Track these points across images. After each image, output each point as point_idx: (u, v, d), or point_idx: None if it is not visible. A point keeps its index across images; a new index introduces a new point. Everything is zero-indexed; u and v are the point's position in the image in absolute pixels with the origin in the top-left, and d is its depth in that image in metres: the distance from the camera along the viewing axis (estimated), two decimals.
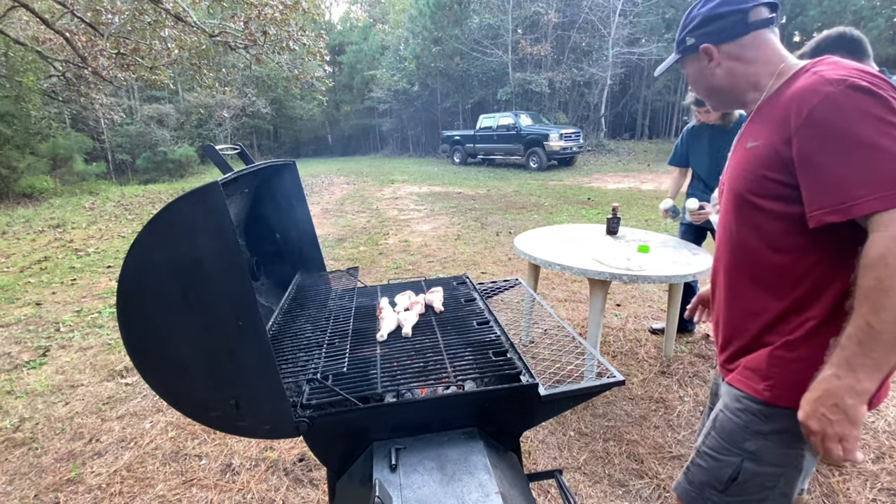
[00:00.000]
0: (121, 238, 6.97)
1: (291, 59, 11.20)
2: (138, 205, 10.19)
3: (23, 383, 2.88)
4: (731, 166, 1.03)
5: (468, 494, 0.87)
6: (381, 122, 26.91)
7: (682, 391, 2.57)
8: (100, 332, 3.60)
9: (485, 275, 4.58)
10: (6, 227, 7.85)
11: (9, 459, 2.20)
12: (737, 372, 1.01)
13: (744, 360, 1.00)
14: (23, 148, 11.10)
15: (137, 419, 2.49)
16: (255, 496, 1.92)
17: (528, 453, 2.13)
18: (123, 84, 13.42)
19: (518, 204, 8.60)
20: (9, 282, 4.88)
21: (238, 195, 1.45)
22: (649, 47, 17.71)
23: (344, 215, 8.35)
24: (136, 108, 18.91)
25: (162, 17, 9.47)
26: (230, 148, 1.32)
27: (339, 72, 29.11)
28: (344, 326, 1.38)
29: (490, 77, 20.41)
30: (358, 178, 14.77)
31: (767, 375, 0.94)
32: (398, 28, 25.19)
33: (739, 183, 0.96)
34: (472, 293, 1.61)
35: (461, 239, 6.15)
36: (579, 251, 2.58)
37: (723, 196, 1.08)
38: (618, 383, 1.08)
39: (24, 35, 10.66)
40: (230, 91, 18.93)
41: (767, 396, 0.94)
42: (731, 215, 1.00)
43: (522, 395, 1.05)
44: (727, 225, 1.03)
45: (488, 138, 15.54)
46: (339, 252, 5.78)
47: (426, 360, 1.17)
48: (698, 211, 2.62)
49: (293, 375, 1.11)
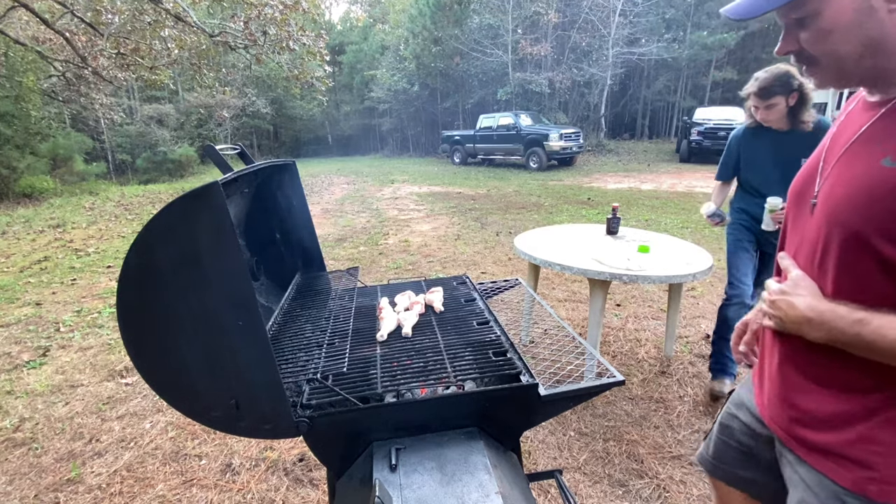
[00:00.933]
0: (121, 238, 6.96)
1: (291, 59, 11.20)
2: (138, 205, 10.19)
3: (23, 383, 2.88)
4: (836, 187, 0.74)
5: (468, 494, 0.87)
6: (381, 122, 26.90)
7: (682, 391, 2.57)
8: (100, 332, 3.60)
9: (485, 275, 4.58)
10: (6, 227, 7.84)
11: (9, 459, 2.20)
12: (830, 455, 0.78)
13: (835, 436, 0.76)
14: (23, 148, 11.09)
15: (137, 419, 2.49)
16: (255, 496, 1.92)
17: (528, 453, 2.13)
18: (123, 84, 13.43)
19: (518, 204, 8.60)
20: (9, 282, 4.88)
21: (238, 195, 1.45)
22: (649, 47, 17.71)
23: (344, 215, 8.35)
24: (136, 108, 18.90)
25: (162, 17, 9.47)
26: (230, 148, 1.31)
27: (339, 72, 29.09)
28: (344, 326, 1.38)
29: (490, 77, 20.40)
30: (358, 177, 14.76)
31: (872, 464, 0.73)
32: (398, 28, 25.18)
33: (857, 217, 0.68)
34: (472, 293, 1.61)
35: (461, 239, 6.15)
36: (579, 251, 2.58)
37: (807, 221, 0.81)
38: (618, 383, 1.08)
39: (24, 35, 10.65)
40: (230, 91, 18.94)
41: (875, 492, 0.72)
42: (831, 256, 0.74)
43: (522, 395, 1.05)
44: (814, 262, 0.78)
45: (488, 138, 15.52)
46: (339, 252, 5.78)
47: (426, 360, 1.17)
48: (782, 211, 2.08)
49: (293, 375, 1.11)
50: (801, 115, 2.10)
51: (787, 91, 2.06)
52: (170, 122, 19.11)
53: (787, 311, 0.78)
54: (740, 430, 1.04)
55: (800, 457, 0.83)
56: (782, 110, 2.10)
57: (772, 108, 2.10)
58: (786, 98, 2.07)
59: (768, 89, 2.07)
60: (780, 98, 2.07)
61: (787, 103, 2.07)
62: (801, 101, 2.07)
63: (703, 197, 8.86)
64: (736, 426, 1.06)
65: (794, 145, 2.09)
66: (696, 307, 3.73)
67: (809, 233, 0.79)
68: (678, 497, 1.87)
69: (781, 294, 0.81)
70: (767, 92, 2.08)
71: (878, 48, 0.67)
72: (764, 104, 2.12)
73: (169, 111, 19.39)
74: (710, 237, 5.89)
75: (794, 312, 0.77)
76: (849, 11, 0.66)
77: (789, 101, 2.07)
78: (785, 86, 2.04)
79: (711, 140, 13.79)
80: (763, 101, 2.11)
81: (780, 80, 2.05)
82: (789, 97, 2.07)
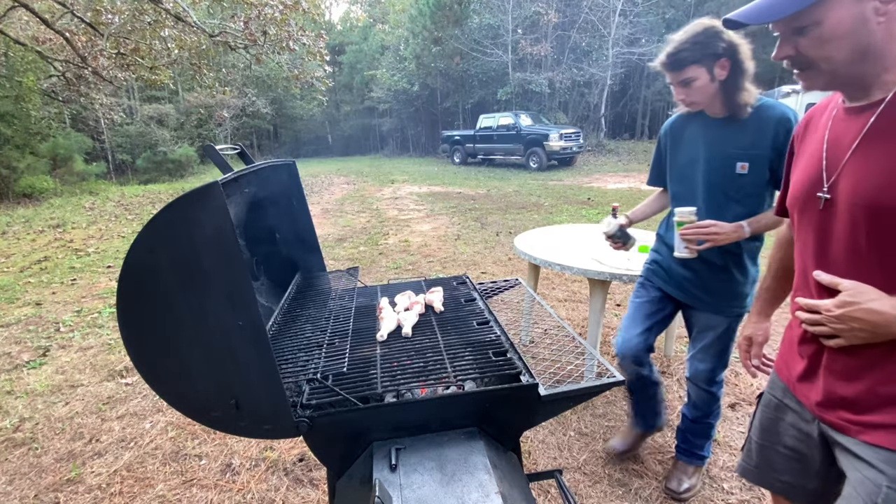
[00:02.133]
0: (121, 238, 6.96)
1: (291, 59, 11.21)
2: (138, 205, 10.19)
3: (23, 383, 2.88)
4: (868, 178, 0.79)
5: (468, 494, 0.87)
6: (381, 122, 26.91)
7: (681, 391, 2.57)
8: (100, 332, 3.60)
9: (485, 275, 4.58)
10: (6, 227, 7.84)
11: (9, 459, 2.20)
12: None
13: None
14: (23, 148, 11.10)
15: (137, 419, 2.49)
16: (255, 496, 1.92)
17: (528, 453, 2.13)
18: (123, 84, 13.43)
19: (518, 204, 8.60)
20: (9, 282, 4.88)
21: (238, 195, 1.45)
22: (649, 47, 17.68)
23: (344, 215, 8.35)
24: (136, 108, 18.90)
25: (162, 17, 9.47)
26: (230, 148, 1.32)
27: (339, 72, 29.10)
28: (344, 326, 1.38)
29: (490, 77, 20.41)
30: (358, 177, 14.76)
31: None
32: (398, 28, 25.19)
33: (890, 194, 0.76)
34: (472, 293, 1.61)
35: (461, 239, 6.15)
36: (579, 251, 2.58)
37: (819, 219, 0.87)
38: (618, 383, 1.08)
39: (24, 35, 10.65)
40: (230, 91, 18.92)
41: None
42: (873, 242, 0.80)
43: (522, 395, 1.05)
44: (856, 253, 0.82)
45: (488, 138, 15.54)
46: (339, 252, 5.78)
47: (426, 360, 1.17)
48: (701, 225, 1.47)
49: (293, 375, 1.11)
50: (735, 94, 1.42)
51: (709, 58, 1.38)
52: (170, 122, 19.10)
53: (867, 318, 0.78)
54: (786, 432, 1.05)
55: (863, 440, 0.85)
56: (707, 87, 1.43)
57: (690, 84, 1.43)
58: (709, 69, 1.40)
59: (680, 57, 1.40)
60: (700, 69, 1.40)
61: (711, 77, 1.41)
62: (735, 72, 1.40)
63: None
64: (781, 429, 1.06)
65: (731, 140, 1.48)
66: None
67: (836, 230, 0.84)
68: None
69: (847, 307, 0.80)
70: (679, 60, 1.40)
71: (867, 55, 0.77)
72: (678, 78, 1.44)
73: (169, 111, 19.39)
74: None
75: (878, 317, 0.78)
76: (847, 21, 0.75)
77: (716, 73, 1.41)
78: (706, 49, 1.37)
79: None
80: (676, 75, 1.44)
81: (697, 43, 1.37)
82: (715, 66, 1.40)
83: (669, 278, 1.74)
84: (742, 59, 1.39)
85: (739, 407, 2.42)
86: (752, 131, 1.45)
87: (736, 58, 1.39)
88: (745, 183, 1.49)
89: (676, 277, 1.71)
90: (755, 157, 1.46)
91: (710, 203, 1.55)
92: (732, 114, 1.47)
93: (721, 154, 1.51)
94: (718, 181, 1.53)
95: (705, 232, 1.46)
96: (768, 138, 1.43)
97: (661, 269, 1.78)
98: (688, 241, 1.51)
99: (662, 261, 1.77)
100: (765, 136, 1.44)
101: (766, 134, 1.43)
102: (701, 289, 1.66)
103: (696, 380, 1.76)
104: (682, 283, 1.70)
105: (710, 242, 1.47)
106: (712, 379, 1.74)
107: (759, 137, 1.45)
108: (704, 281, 1.64)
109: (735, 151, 1.48)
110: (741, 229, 1.46)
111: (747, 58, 1.40)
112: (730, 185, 1.51)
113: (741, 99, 1.43)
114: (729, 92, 1.43)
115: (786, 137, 1.39)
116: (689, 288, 1.68)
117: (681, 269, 1.68)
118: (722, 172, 1.51)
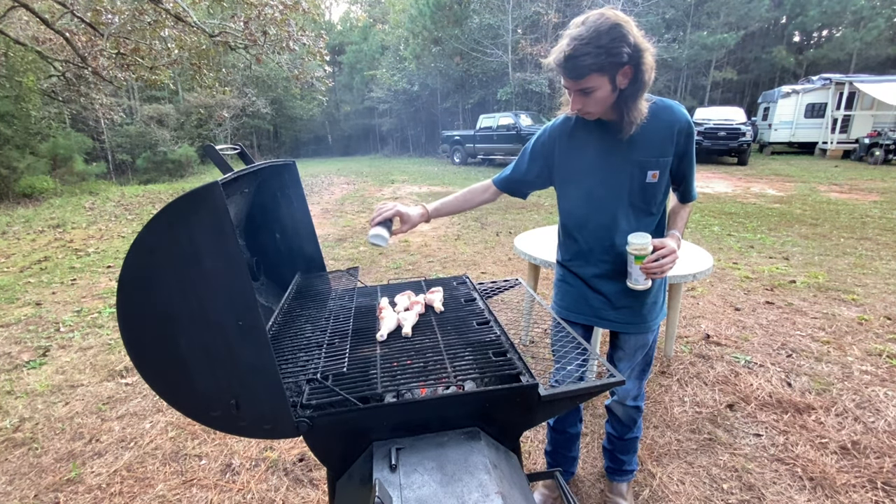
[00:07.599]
0: (121, 238, 6.97)
1: (291, 59, 11.21)
2: (138, 205, 10.19)
3: (23, 383, 2.88)
4: None
5: (468, 494, 0.87)
6: (381, 122, 26.91)
7: (681, 391, 2.57)
8: (100, 332, 3.60)
9: (485, 275, 4.58)
10: (6, 227, 7.84)
11: (9, 459, 2.20)
12: None
13: None
14: (23, 148, 11.09)
15: (137, 419, 2.49)
16: (255, 496, 1.92)
17: (528, 453, 2.13)
18: (123, 84, 13.41)
19: (518, 204, 8.60)
20: (9, 282, 4.88)
21: (238, 195, 1.45)
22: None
23: (344, 215, 8.35)
24: (136, 108, 18.90)
25: (162, 17, 9.47)
26: (230, 148, 1.31)
27: (339, 72, 29.11)
28: (344, 326, 1.38)
29: (490, 77, 20.41)
30: (358, 178, 14.76)
31: None
32: (398, 28, 25.18)
33: None
34: (472, 293, 1.61)
35: (461, 239, 6.15)
36: None
37: None
38: (618, 383, 1.08)
39: (24, 35, 10.66)
40: (230, 91, 18.92)
41: None
42: None
43: (522, 395, 1.05)
44: None
45: (488, 138, 15.53)
46: (339, 252, 5.78)
47: (426, 360, 1.17)
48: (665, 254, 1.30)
49: (293, 375, 1.11)
50: (631, 106, 1.23)
51: (614, 67, 1.17)
52: (170, 122, 19.10)
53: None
54: None
55: None
56: (608, 98, 1.23)
57: (590, 93, 1.21)
58: (611, 78, 1.19)
59: (581, 63, 1.16)
60: (602, 79, 1.19)
61: (613, 87, 1.21)
62: (635, 81, 1.21)
63: (703, 197, 8.85)
64: None
65: (636, 147, 1.33)
66: (696, 307, 3.73)
67: None
68: (677, 497, 1.87)
69: None
70: (580, 67, 1.16)
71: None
72: (577, 87, 1.21)
73: (169, 111, 19.39)
74: (710, 237, 5.89)
75: None
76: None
77: (618, 82, 1.21)
78: (610, 56, 1.15)
79: (712, 140, 13.83)
80: (575, 83, 1.21)
81: (602, 47, 1.14)
82: (618, 75, 1.20)
83: (593, 312, 1.55)
84: (645, 70, 1.19)
85: (739, 407, 2.42)
86: (658, 137, 1.33)
87: (639, 66, 1.19)
88: (657, 191, 1.38)
89: (603, 312, 1.53)
90: (664, 164, 1.36)
91: (625, 216, 1.40)
92: (627, 124, 1.28)
93: (627, 161, 1.35)
94: (627, 192, 1.37)
95: (671, 259, 1.30)
96: (671, 144, 1.34)
97: (583, 305, 1.56)
98: (649, 272, 1.31)
99: (580, 295, 1.56)
100: (669, 141, 1.34)
101: (670, 139, 1.34)
102: (636, 315, 1.53)
103: (624, 399, 1.68)
104: (614, 316, 1.52)
105: (670, 265, 1.31)
106: (639, 394, 1.70)
107: (666, 143, 1.34)
108: (639, 307, 1.52)
109: (643, 160, 1.34)
110: (679, 240, 1.40)
111: (650, 68, 1.20)
112: (642, 196, 1.38)
113: (634, 115, 1.25)
114: (626, 102, 1.24)
115: (686, 140, 1.34)
116: (623, 318, 1.53)
117: (609, 301, 1.50)
118: (631, 182, 1.36)
